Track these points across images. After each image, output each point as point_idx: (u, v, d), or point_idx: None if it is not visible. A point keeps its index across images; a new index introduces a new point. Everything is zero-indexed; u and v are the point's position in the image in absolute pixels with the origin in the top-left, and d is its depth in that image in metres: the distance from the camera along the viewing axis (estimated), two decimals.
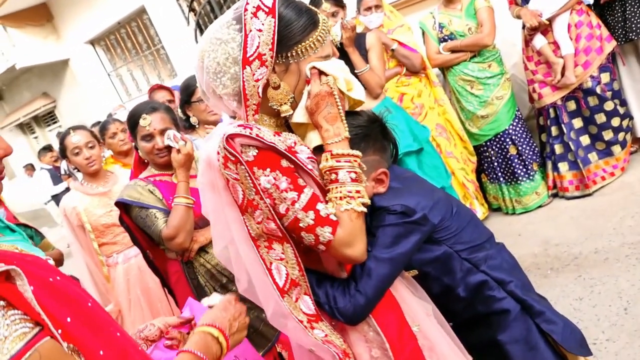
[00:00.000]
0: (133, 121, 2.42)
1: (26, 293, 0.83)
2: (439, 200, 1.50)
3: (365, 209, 1.30)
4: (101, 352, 0.88)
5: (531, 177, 4.10)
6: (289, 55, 1.31)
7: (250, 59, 1.27)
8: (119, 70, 10.70)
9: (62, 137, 3.21)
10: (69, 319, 0.86)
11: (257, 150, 1.26)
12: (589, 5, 3.87)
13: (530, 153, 4.10)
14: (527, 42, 3.99)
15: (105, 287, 3.21)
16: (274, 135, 1.32)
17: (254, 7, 1.29)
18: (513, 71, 4.50)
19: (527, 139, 4.11)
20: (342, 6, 3.49)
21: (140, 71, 10.28)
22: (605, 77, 3.80)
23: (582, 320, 2.75)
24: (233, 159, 1.25)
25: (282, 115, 1.37)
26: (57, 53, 10.86)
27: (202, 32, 8.51)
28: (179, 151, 2.33)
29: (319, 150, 1.36)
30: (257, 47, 1.27)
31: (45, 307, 0.83)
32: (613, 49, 3.81)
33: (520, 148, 4.06)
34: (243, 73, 1.28)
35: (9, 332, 0.79)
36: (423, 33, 4.20)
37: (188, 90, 2.95)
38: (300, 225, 1.27)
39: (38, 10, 10.58)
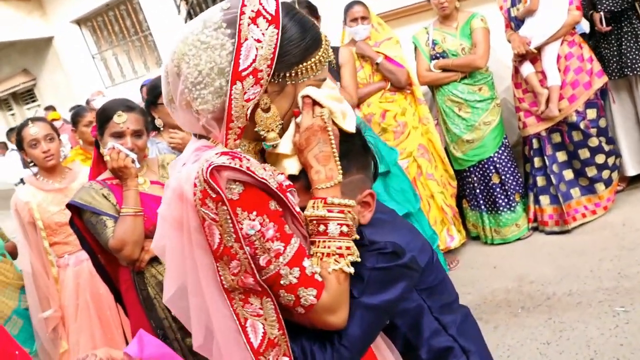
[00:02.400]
0: (105, 116, 2.29)
1: None
2: (424, 242, 1.32)
3: (352, 270, 1.12)
4: None
5: (512, 208, 3.98)
6: (287, 75, 1.12)
7: (243, 73, 1.07)
8: (104, 54, 10.46)
9: (20, 128, 3.04)
10: None
11: (243, 187, 1.05)
12: (583, 36, 3.76)
13: (514, 183, 3.99)
14: (517, 68, 3.88)
15: (49, 290, 3.02)
16: (264, 169, 1.11)
17: (252, 11, 1.08)
18: (505, 95, 4.37)
19: (512, 169, 3.99)
20: (317, 17, 3.35)
21: (125, 56, 10.05)
22: (591, 113, 3.70)
23: None
24: (214, 196, 1.03)
25: (269, 143, 1.16)
26: (41, 30, 10.59)
27: None
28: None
29: (291, 179, 1.17)
30: (253, 60, 1.07)
31: None
32: (604, 85, 3.71)
33: (503, 177, 3.94)
34: (232, 89, 1.07)
35: None
36: (415, 48, 4.07)
37: (155, 91, 2.78)
38: (282, 282, 1.08)
39: None
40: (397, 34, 4.03)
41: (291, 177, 1.17)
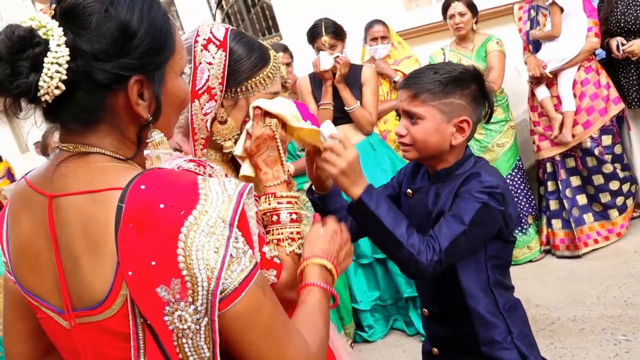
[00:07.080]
0: None
1: (250, 212, 0.89)
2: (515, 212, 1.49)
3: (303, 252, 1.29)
4: None
5: (524, 231, 3.97)
6: (238, 90, 1.31)
7: (199, 92, 1.26)
8: None
9: (44, 135, 3.19)
10: None
11: None
12: (602, 62, 3.74)
13: (526, 206, 3.98)
14: (533, 91, 3.88)
15: None
16: (226, 176, 1.28)
17: (204, 39, 1.28)
18: (525, 116, 4.35)
19: (525, 191, 3.99)
20: (342, 39, 3.38)
21: None
22: (606, 140, 3.67)
23: None
24: None
25: (226, 150, 1.36)
26: None
27: None
28: None
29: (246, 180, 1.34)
30: (207, 80, 1.26)
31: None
32: (621, 112, 3.68)
33: (515, 199, 3.94)
34: (192, 106, 1.26)
35: (244, 251, 0.84)
36: None
37: None
38: None
39: None
40: (417, 53, 4.09)
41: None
